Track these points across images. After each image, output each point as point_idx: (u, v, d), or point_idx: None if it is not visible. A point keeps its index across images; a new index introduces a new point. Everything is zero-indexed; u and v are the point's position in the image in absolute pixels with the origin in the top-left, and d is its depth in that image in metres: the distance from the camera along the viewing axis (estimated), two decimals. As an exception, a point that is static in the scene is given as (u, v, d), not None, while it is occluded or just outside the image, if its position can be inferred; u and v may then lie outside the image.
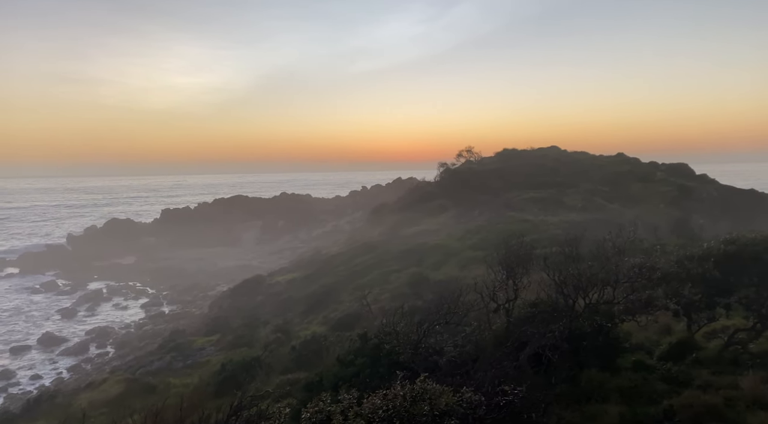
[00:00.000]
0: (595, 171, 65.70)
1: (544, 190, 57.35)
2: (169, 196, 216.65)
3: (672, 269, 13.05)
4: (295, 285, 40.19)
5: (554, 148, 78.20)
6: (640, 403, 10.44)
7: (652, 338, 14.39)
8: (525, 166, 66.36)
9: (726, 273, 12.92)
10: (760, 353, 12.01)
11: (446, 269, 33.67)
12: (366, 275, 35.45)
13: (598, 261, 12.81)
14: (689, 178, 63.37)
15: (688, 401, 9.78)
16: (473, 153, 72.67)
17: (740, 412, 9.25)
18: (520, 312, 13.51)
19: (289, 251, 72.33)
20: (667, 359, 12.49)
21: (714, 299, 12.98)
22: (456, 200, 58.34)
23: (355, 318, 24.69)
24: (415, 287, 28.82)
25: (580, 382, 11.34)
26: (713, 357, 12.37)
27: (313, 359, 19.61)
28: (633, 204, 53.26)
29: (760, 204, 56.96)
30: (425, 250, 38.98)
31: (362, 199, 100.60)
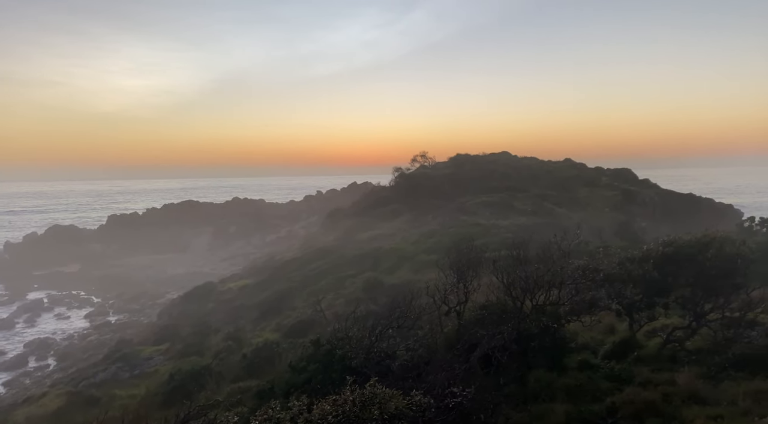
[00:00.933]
0: (544, 176, 67.53)
1: (496, 194, 58.52)
2: (116, 201, 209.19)
3: (614, 271, 13.53)
4: (248, 292, 39.51)
5: (505, 153, 79.93)
6: (585, 401, 10.76)
7: (597, 337, 14.86)
8: (477, 171, 67.56)
9: (664, 274, 13.52)
10: (696, 350, 12.60)
11: (401, 273, 33.85)
12: (320, 281, 35.22)
13: (545, 264, 13.17)
14: (632, 183, 65.99)
15: (630, 397, 10.15)
16: (427, 158, 73.45)
17: (677, 407, 9.66)
18: (470, 314, 13.73)
19: (242, 257, 71.07)
20: (611, 358, 12.93)
21: (653, 299, 13.54)
22: (411, 205, 58.78)
23: (309, 324, 24.48)
24: (369, 291, 28.82)
25: (529, 382, 11.61)
26: (653, 355, 12.89)
27: (266, 367, 19.32)
28: (580, 208, 55.02)
29: (698, 207, 59.91)
30: (380, 254, 39.06)
31: (317, 203, 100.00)
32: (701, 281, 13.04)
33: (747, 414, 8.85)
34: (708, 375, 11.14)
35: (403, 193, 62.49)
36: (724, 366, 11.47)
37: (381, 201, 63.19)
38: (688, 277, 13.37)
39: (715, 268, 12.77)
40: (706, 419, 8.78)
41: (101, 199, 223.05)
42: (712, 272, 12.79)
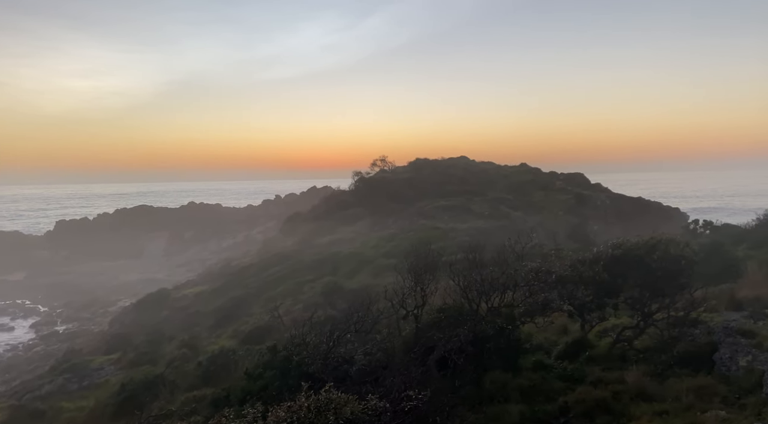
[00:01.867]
0: (501, 180, 68.79)
1: (454, 198, 59.20)
2: (65, 206, 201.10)
3: (566, 273, 13.87)
4: (204, 298, 38.67)
5: (463, 158, 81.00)
6: (539, 401, 10.99)
7: (551, 338, 15.19)
8: (436, 176, 68.21)
9: (614, 275, 13.94)
10: (644, 349, 13.04)
11: (360, 277, 33.79)
12: (278, 286, 34.80)
13: (500, 266, 13.40)
14: (585, 187, 67.91)
15: (581, 396, 10.43)
16: (387, 162, 73.71)
17: (625, 404, 9.98)
18: (428, 318, 13.83)
19: (198, 262, 69.56)
20: (564, 358, 13.24)
21: (604, 300, 13.95)
22: (370, 209, 58.83)
23: (266, 330, 24.13)
24: (328, 296, 28.66)
25: (484, 383, 11.77)
26: (604, 354, 13.27)
27: (222, 374, 18.94)
28: (535, 211, 56.23)
29: (647, 210, 62.14)
30: (340, 259, 38.91)
31: (276, 208, 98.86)
32: (648, 281, 13.51)
33: (690, 409, 9.21)
34: (655, 373, 11.55)
35: (363, 198, 62.50)
36: (669, 364, 11.92)
37: (341, 205, 63.00)
38: (636, 278, 13.83)
39: (661, 269, 13.27)
40: (652, 415, 9.10)
41: (50, 204, 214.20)
42: (658, 273, 13.28)
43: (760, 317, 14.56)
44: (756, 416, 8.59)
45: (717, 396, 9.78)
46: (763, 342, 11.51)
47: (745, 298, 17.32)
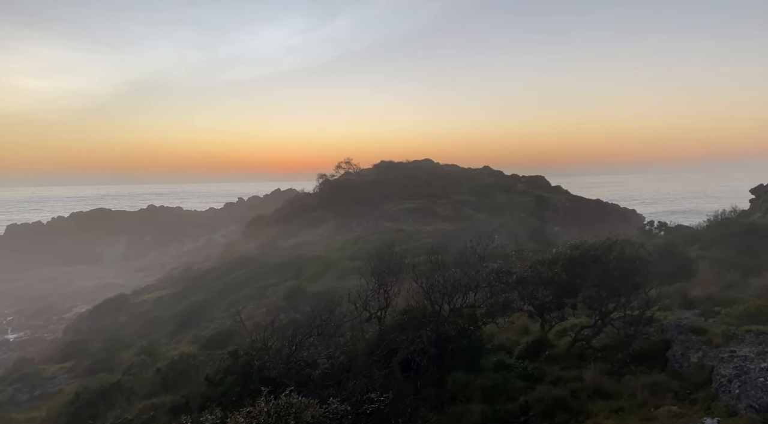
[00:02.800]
0: (465, 183, 69.57)
1: (419, 200, 59.57)
2: (18, 211, 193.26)
3: (526, 273, 14.08)
4: (164, 303, 37.77)
5: (428, 161, 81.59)
6: (501, 401, 11.11)
7: (512, 338, 15.38)
8: (401, 178, 68.49)
9: (572, 275, 14.22)
10: (601, 347, 13.33)
11: (325, 280, 33.59)
12: (241, 290, 34.28)
13: (462, 268, 13.50)
14: (545, 190, 69.32)
15: (541, 395, 10.59)
16: (352, 165, 73.64)
17: (583, 402, 10.18)
18: (391, 320, 13.83)
19: (158, 267, 67.90)
20: (525, 358, 13.42)
21: (563, 300, 14.22)
22: (335, 211, 58.60)
23: (228, 335, 23.72)
24: (292, 300, 28.38)
25: (447, 384, 11.83)
26: (563, 353, 13.50)
27: (181, 381, 18.51)
28: (498, 213, 57.07)
29: (605, 212, 63.84)
30: (304, 262, 38.61)
31: (238, 211, 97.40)
32: (605, 281, 13.82)
33: (644, 405, 9.46)
34: (612, 371, 11.81)
35: (328, 200, 62.21)
36: (625, 362, 12.21)
37: (305, 208, 62.57)
38: (593, 278, 14.13)
39: (617, 269, 13.60)
40: (609, 413, 9.30)
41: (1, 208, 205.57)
42: (614, 273, 13.61)
43: (711, 314, 15.10)
44: (706, 411, 8.89)
45: (670, 392, 10.08)
46: (713, 339, 11.93)
47: (696, 297, 17.95)
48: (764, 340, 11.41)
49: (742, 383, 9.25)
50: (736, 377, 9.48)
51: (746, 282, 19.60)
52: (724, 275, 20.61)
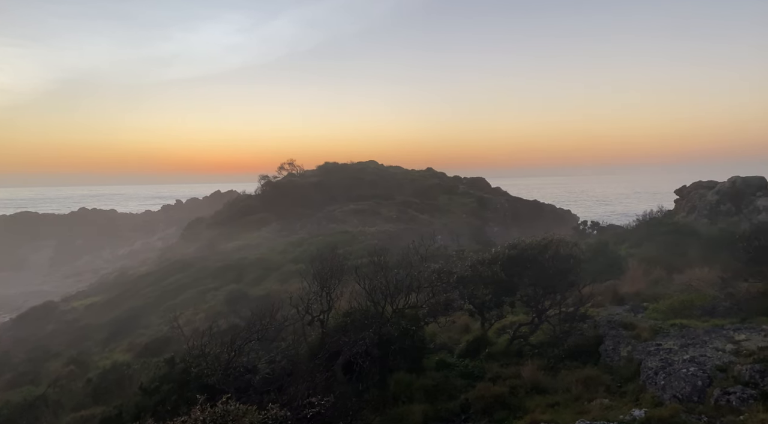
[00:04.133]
0: (408, 184, 70.21)
1: (363, 202, 59.61)
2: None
3: (467, 273, 14.34)
4: (96, 310, 36.05)
5: (372, 162, 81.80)
6: (442, 400, 11.22)
7: (454, 337, 15.62)
8: (345, 180, 68.34)
9: (510, 274, 14.59)
10: (538, 344, 13.73)
11: (267, 283, 33.03)
12: (179, 295, 33.19)
13: (404, 268, 13.58)
14: (486, 191, 71.01)
15: (481, 393, 10.76)
16: (295, 166, 72.80)
17: (521, 398, 10.42)
18: (334, 322, 13.74)
19: (90, 273, 64.76)
20: (466, 356, 13.65)
21: (502, 298, 14.55)
22: (278, 213, 57.78)
23: (165, 342, 22.89)
24: (232, 304, 27.71)
25: (389, 385, 11.84)
26: (502, 351, 13.81)
27: (114, 391, 17.70)
28: (440, 214, 57.93)
29: (541, 212, 66.05)
30: (245, 265, 37.82)
31: (176, 213, 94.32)
32: (542, 280, 14.25)
33: (578, 399, 9.80)
34: (548, 366, 12.17)
35: (270, 202, 61.26)
36: (561, 357, 12.63)
37: (246, 210, 61.35)
38: (531, 276, 14.55)
39: (552, 268, 14.05)
40: (545, 408, 9.57)
41: None
42: (550, 271, 14.06)
43: (639, 310, 15.86)
44: (634, 402, 9.30)
45: (602, 385, 10.48)
46: (641, 333, 12.52)
47: (626, 293, 18.85)
48: (687, 333, 12.08)
49: (667, 375, 9.75)
50: (662, 369, 9.98)
51: (671, 278, 20.72)
52: (651, 272, 21.71)
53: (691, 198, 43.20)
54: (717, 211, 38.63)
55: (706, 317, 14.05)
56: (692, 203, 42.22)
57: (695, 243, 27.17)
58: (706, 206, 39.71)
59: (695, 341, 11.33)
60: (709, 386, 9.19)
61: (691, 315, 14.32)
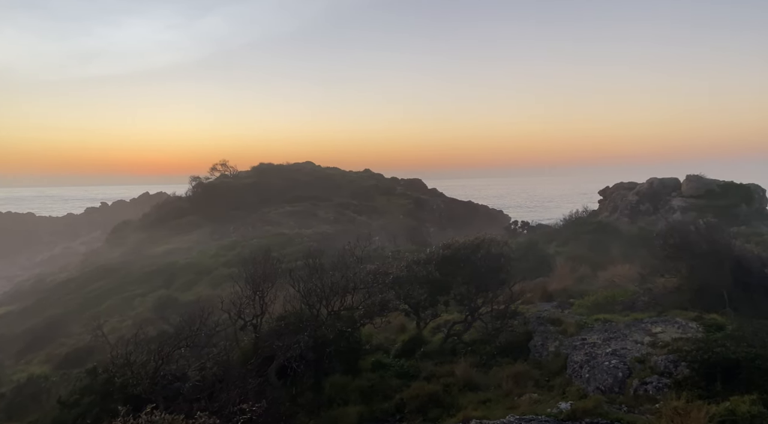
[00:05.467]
0: (346, 185, 70.10)
1: (300, 203, 58.95)
2: None
3: (402, 273, 14.45)
4: (10, 320, 33.69)
5: (309, 163, 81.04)
6: (378, 400, 11.22)
7: (390, 337, 15.67)
8: (281, 181, 67.36)
9: (444, 274, 14.85)
10: (471, 341, 14.01)
11: (198, 288, 32.00)
12: (103, 302, 31.56)
13: (340, 270, 13.51)
14: (423, 192, 71.99)
15: (416, 392, 10.85)
16: (228, 167, 70.90)
17: (454, 396, 10.59)
18: (268, 327, 13.49)
19: (4, 280, 60.42)
20: (401, 356, 13.72)
21: (436, 298, 14.78)
22: (210, 216, 56.17)
23: (88, 352, 21.70)
24: (161, 310, 26.66)
25: (324, 388, 11.75)
26: (437, 349, 14.00)
27: (31, 406, 16.62)
28: (378, 215, 58.19)
29: (475, 213, 67.74)
30: (175, 270, 36.47)
31: (101, 217, 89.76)
32: (474, 278, 14.58)
33: (509, 395, 10.07)
34: (481, 363, 12.44)
35: (202, 204, 59.47)
36: (493, 354, 12.95)
37: (177, 212, 59.27)
38: (464, 275, 14.85)
39: (484, 266, 14.42)
40: (477, 404, 9.76)
41: None
42: (482, 270, 14.41)
43: (566, 306, 16.54)
44: (561, 395, 9.66)
45: (531, 380, 10.83)
46: (568, 329, 13.04)
47: (554, 290, 19.60)
48: (609, 327, 12.68)
49: (591, 368, 10.20)
50: (586, 363, 10.44)
51: (596, 275, 21.75)
52: (577, 269, 22.70)
53: (614, 199, 45.60)
54: (637, 210, 40.97)
55: (627, 311, 14.84)
56: (614, 203, 44.56)
57: (617, 241, 28.69)
58: (627, 206, 42.02)
59: (617, 335, 11.92)
60: (629, 377, 9.69)
61: (613, 310, 15.07)
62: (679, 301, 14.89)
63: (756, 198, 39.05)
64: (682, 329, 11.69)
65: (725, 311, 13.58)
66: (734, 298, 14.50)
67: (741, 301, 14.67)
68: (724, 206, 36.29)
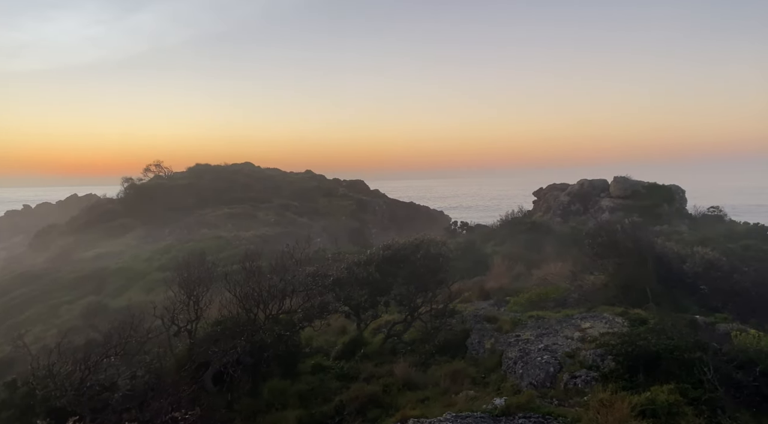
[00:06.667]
0: (287, 187, 69.21)
1: (239, 205, 57.71)
2: None
3: (343, 275, 14.42)
4: None
5: (248, 164, 79.47)
6: (317, 403, 11.14)
7: (331, 340, 15.60)
8: (219, 182, 65.72)
9: (385, 274, 14.93)
10: (411, 341, 14.16)
11: (131, 294, 30.75)
12: (26, 310, 29.75)
13: (278, 273, 13.32)
14: (365, 193, 72.10)
15: (355, 393, 10.83)
16: (162, 167, 68.51)
17: (394, 396, 10.66)
18: (203, 332, 13.14)
19: None
20: (341, 358, 13.67)
21: (377, 298, 14.83)
22: (143, 219, 54.09)
23: (8, 365, 20.34)
24: (90, 318, 25.38)
25: (262, 393, 11.55)
26: (377, 350, 14.04)
27: (-60, 426, 15.39)
28: (320, 217, 57.81)
29: (417, 214, 68.56)
30: (106, 275, 34.88)
31: (24, 220, 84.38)
32: (414, 278, 14.75)
33: (446, 393, 10.23)
34: (420, 362, 12.57)
35: (135, 206, 57.17)
36: (432, 353, 13.11)
37: (108, 215, 56.68)
38: (404, 276, 14.99)
39: (423, 266, 14.62)
40: (415, 403, 9.86)
41: None
42: (421, 270, 14.60)
43: (502, 304, 17.00)
44: (496, 391, 9.93)
45: (468, 378, 11.05)
46: (503, 326, 13.42)
47: (491, 288, 20.10)
48: (542, 324, 13.14)
49: (525, 364, 10.53)
50: (520, 359, 10.77)
51: (530, 273, 22.48)
52: (513, 267, 23.39)
53: (547, 199, 47.32)
54: (568, 211, 42.67)
55: (559, 308, 15.43)
56: (548, 204, 46.24)
57: (550, 240, 29.78)
58: (560, 206, 43.70)
59: (549, 331, 12.36)
60: (560, 372, 10.08)
61: (546, 307, 15.63)
62: (607, 297, 15.63)
63: (677, 198, 41.54)
64: (609, 324, 12.27)
65: (648, 306, 14.36)
66: (656, 293, 15.37)
67: (662, 296, 15.57)
68: (648, 206, 38.39)
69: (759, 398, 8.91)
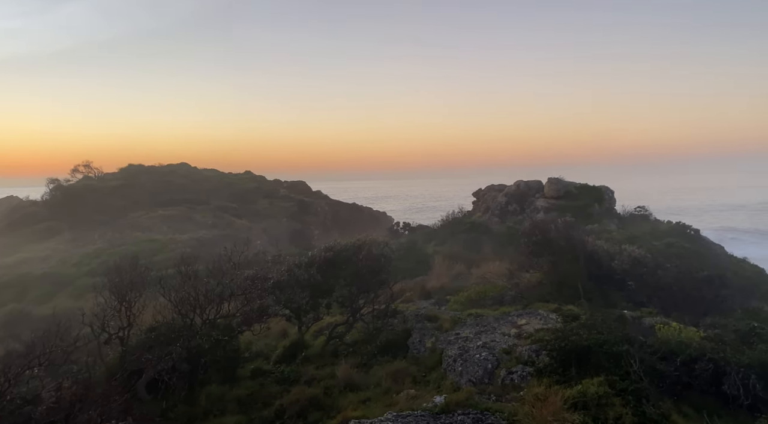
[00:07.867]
0: (225, 188, 67.52)
1: (174, 207, 55.80)
2: None
3: (283, 277, 14.21)
4: None
5: (184, 165, 76.98)
6: (257, 408, 10.93)
7: (271, 343, 15.33)
8: (153, 183, 63.35)
9: (327, 276, 14.83)
10: (353, 342, 14.13)
11: (57, 301, 29.09)
12: (-62, 321, 27.52)
13: (215, 277, 12.99)
14: (307, 195, 71.42)
15: (296, 397, 10.71)
16: (92, 168, 65.29)
17: (335, 398, 10.61)
18: (137, 339, 12.64)
19: None
20: (282, 362, 13.48)
21: (318, 300, 14.72)
22: (71, 222, 51.37)
23: None
24: (11, 327, 23.82)
25: (199, 399, 11.22)
26: (319, 353, 13.93)
27: None
28: (260, 219, 56.74)
29: (360, 215, 68.59)
30: (29, 281, 32.85)
31: (-63, 223, 78.40)
32: (356, 279, 14.73)
33: (387, 392, 10.28)
34: (362, 363, 12.56)
35: (62, 209, 54.20)
36: (374, 353, 13.13)
37: (31, 218, 53.47)
38: (346, 277, 14.94)
39: (365, 267, 14.62)
40: (357, 404, 9.86)
41: None
42: (363, 271, 14.60)
43: (443, 303, 17.27)
44: (437, 390, 10.07)
45: (409, 377, 11.14)
46: (443, 324, 13.62)
47: (432, 287, 20.40)
48: (481, 321, 13.44)
49: (464, 361, 10.73)
50: (459, 356, 10.96)
51: (470, 272, 22.97)
52: (453, 267, 23.83)
53: (486, 200, 48.47)
54: (506, 211, 43.87)
55: (497, 305, 15.82)
56: (487, 204, 47.37)
57: (489, 240, 30.54)
58: (498, 207, 44.86)
59: (487, 328, 12.66)
60: (497, 368, 10.33)
61: (484, 305, 16.00)
62: (542, 294, 16.18)
63: (606, 198, 43.54)
64: (544, 321, 12.70)
65: (580, 302, 14.98)
66: (588, 289, 16.06)
67: (593, 292, 16.29)
68: (580, 206, 40.02)
69: (680, 386, 9.48)
